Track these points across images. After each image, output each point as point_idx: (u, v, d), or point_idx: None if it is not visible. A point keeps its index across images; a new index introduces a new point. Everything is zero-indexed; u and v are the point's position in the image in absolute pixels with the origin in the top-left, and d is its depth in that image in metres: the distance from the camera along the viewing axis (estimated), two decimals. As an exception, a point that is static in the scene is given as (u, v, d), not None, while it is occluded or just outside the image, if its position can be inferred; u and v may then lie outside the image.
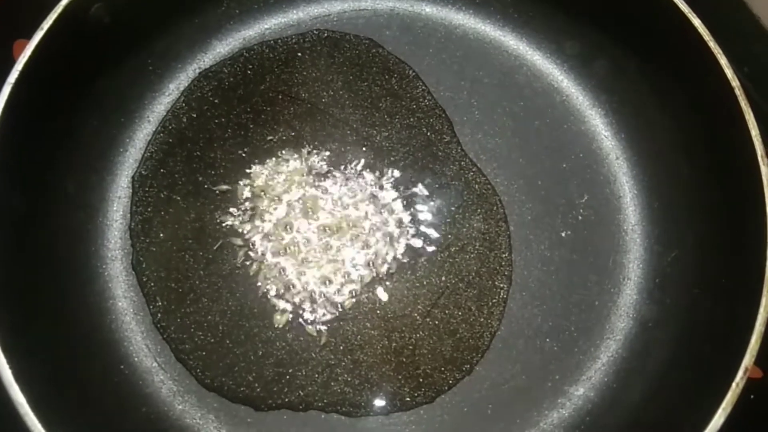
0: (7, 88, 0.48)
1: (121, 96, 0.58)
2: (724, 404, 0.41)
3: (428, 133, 0.58)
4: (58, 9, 0.50)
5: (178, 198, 0.56)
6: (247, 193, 0.56)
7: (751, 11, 0.69)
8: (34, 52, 0.49)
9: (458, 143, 0.58)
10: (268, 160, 0.57)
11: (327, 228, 0.54)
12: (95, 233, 0.55)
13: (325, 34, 0.61)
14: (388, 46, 0.61)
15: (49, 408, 0.42)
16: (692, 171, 0.54)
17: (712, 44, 0.50)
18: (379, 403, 0.51)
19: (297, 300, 0.53)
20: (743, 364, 0.42)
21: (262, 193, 0.56)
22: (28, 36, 0.51)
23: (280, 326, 0.52)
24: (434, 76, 0.60)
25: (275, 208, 0.55)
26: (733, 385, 0.42)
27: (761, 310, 0.43)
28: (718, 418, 0.41)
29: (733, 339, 0.44)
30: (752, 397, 0.54)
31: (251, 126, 0.58)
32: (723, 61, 0.49)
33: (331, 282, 0.53)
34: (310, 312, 0.53)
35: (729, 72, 0.49)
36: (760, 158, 0.47)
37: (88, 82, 0.54)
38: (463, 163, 0.57)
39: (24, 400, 0.41)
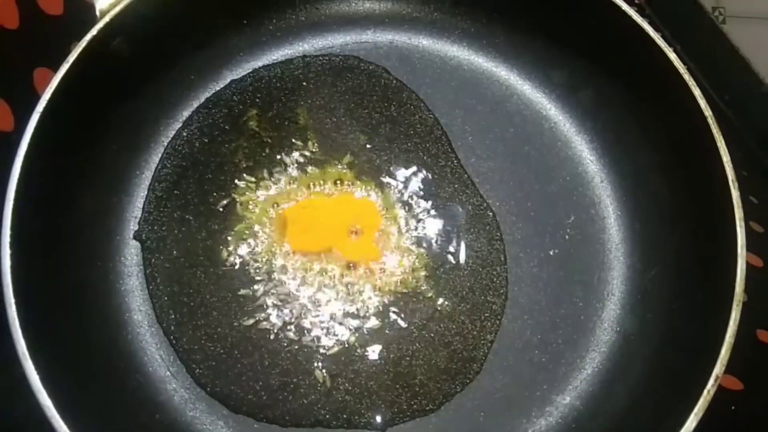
0: (35, 117, 0.51)
1: (138, 123, 0.61)
2: (696, 409, 0.44)
3: (425, 157, 0.62)
4: (83, 43, 0.54)
5: (191, 218, 0.59)
6: (254, 214, 0.59)
7: (731, 42, 0.73)
8: (59, 83, 0.52)
9: (453, 167, 0.61)
10: (275, 183, 0.60)
11: (327, 248, 0.58)
12: (112, 251, 0.58)
13: (329, 65, 0.65)
14: (388, 77, 0.65)
15: (72, 411, 0.45)
16: (671, 194, 0.57)
17: (686, 76, 0.53)
18: (378, 410, 0.54)
19: (300, 315, 0.56)
20: (714, 372, 0.45)
21: (269, 213, 0.59)
22: (48, 65, 0.55)
23: (281, 336, 0.55)
24: (430, 104, 0.63)
25: (281, 228, 0.59)
26: (705, 392, 0.45)
27: (731, 323, 0.46)
28: (691, 422, 0.44)
29: (706, 350, 0.47)
30: (733, 408, 0.57)
31: (260, 151, 0.62)
32: (697, 92, 0.53)
33: (332, 298, 0.57)
34: (315, 327, 0.56)
35: (702, 102, 0.53)
36: (731, 182, 0.50)
37: (107, 110, 0.58)
38: (457, 185, 0.61)
39: (50, 403, 0.44)
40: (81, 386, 0.49)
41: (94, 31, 0.54)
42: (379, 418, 0.54)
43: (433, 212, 0.60)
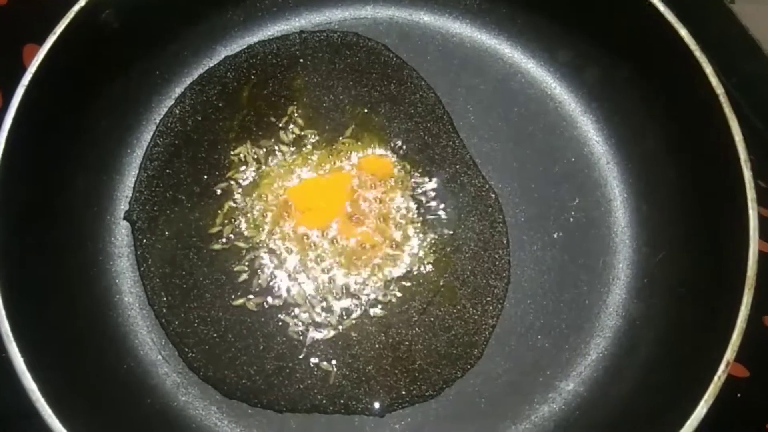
0: (21, 90, 0.50)
1: (130, 99, 0.60)
2: (706, 396, 0.43)
3: (425, 137, 0.60)
4: (71, 14, 0.52)
5: (183, 197, 0.58)
6: (249, 194, 0.57)
7: (741, 22, 0.71)
8: (46, 55, 0.51)
9: (454, 147, 0.60)
10: (270, 163, 0.59)
11: (326, 228, 0.56)
12: (103, 230, 0.57)
13: (327, 42, 0.63)
14: (388, 54, 0.62)
15: (59, 396, 0.43)
16: (679, 175, 0.55)
17: (698, 53, 0.52)
18: (376, 396, 0.52)
19: (297, 297, 0.55)
20: (725, 358, 0.44)
21: (264, 193, 0.57)
22: (37, 41, 0.53)
23: (276, 320, 0.54)
24: (431, 83, 0.62)
25: (276, 209, 0.57)
26: (715, 378, 0.43)
27: (742, 307, 0.45)
28: (701, 409, 0.43)
29: (716, 335, 0.45)
30: (738, 395, 0.56)
31: (254, 129, 0.60)
32: (708, 69, 0.51)
33: (329, 280, 0.55)
34: (312, 311, 0.54)
35: (714, 80, 0.51)
36: (743, 163, 0.48)
37: (98, 85, 0.56)
38: (458, 165, 0.59)
39: (35, 387, 0.43)
40: (68, 370, 0.47)
41: (81, 2, 0.52)
42: (377, 404, 0.52)
43: (433, 194, 0.58)
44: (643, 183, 0.58)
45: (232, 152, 0.59)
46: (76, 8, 0.52)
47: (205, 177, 0.58)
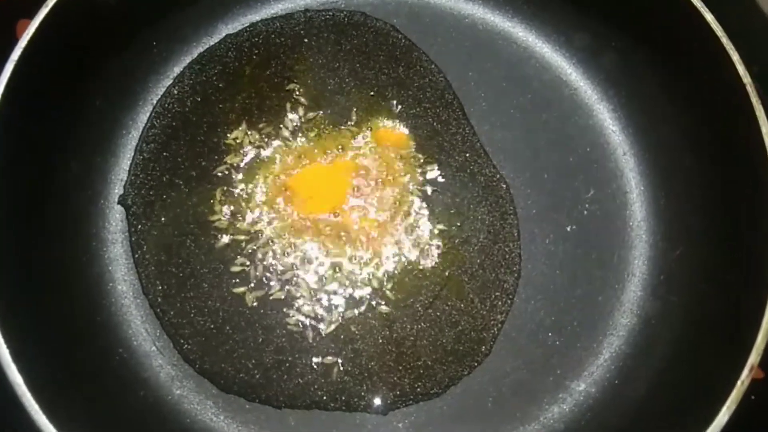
0: (10, 66, 0.47)
1: (126, 78, 0.57)
2: (728, 402, 0.41)
3: (434, 123, 0.58)
4: (64, -14, 0.50)
5: (181, 182, 0.55)
6: (249, 179, 0.55)
7: (761, 10, 0.68)
8: (38, 29, 0.49)
9: (464, 134, 0.57)
10: (271, 147, 0.56)
11: (330, 216, 0.54)
12: (96, 215, 0.55)
13: (332, 21, 0.61)
14: (397, 35, 0.60)
15: (46, 389, 0.42)
16: (700, 167, 0.53)
17: (724, 40, 0.49)
18: (379, 393, 0.51)
19: (298, 289, 0.53)
20: (749, 361, 0.42)
21: (265, 179, 0.55)
22: (31, 16, 0.51)
23: (275, 312, 0.52)
24: (441, 66, 0.59)
25: (278, 195, 0.55)
26: (738, 383, 0.41)
27: (768, 308, 0.43)
28: (722, 416, 0.41)
29: (738, 336, 0.44)
30: (753, 398, 0.54)
31: (255, 111, 0.58)
32: (735, 57, 0.49)
33: (332, 272, 0.53)
34: (313, 303, 0.52)
35: (741, 68, 0.49)
36: (770, 155, 0.46)
37: (92, 62, 0.54)
38: (468, 154, 0.57)
39: (21, 380, 0.41)
40: (57, 361, 0.46)
41: (75, -26, 0.50)
42: (380, 401, 0.50)
43: (442, 183, 0.56)
44: (662, 174, 0.56)
45: (231, 135, 0.57)
46: (70, -20, 0.50)
47: (204, 161, 0.56)
